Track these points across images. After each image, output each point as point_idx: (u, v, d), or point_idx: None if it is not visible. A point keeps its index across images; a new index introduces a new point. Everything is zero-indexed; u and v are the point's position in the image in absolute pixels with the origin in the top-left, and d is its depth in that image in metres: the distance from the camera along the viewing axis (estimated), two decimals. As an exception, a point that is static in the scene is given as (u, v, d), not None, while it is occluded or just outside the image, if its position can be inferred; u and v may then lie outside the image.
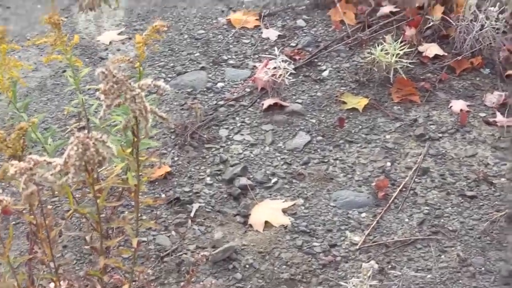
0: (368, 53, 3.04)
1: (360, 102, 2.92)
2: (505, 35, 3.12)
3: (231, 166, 2.64)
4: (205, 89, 3.03)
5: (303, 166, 2.65)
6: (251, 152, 2.71)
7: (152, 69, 3.13)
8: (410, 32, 3.21)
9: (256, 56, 3.21)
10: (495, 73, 3.05)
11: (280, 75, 2.94)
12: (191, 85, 3.05)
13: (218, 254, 2.31)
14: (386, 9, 3.42)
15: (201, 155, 2.70)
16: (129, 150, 2.02)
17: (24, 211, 1.73)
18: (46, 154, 2.16)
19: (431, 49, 3.16)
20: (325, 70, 3.12)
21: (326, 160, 2.67)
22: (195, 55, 3.24)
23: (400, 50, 2.99)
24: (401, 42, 3.03)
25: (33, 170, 1.68)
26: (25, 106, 2.20)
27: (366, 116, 2.87)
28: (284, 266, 2.28)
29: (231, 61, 3.19)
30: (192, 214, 2.46)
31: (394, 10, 3.40)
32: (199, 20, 3.50)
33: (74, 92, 2.63)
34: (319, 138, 2.77)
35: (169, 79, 3.08)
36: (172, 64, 3.18)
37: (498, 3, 3.04)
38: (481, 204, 2.48)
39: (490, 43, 3.10)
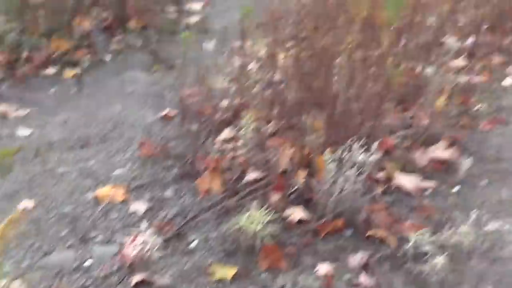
0: (234, 222, 3.10)
1: (228, 272, 2.94)
2: (364, 196, 3.27)
3: None
4: (72, 269, 2.98)
5: None
6: (118, 335, 2.66)
7: (18, 250, 3.07)
8: (275, 197, 3.31)
9: (124, 231, 3.21)
10: (357, 234, 3.15)
11: (148, 249, 2.95)
12: (58, 265, 3.00)
13: None
14: (252, 175, 3.50)
15: None
16: None
17: None
18: None
19: (296, 214, 3.25)
20: (193, 240, 3.14)
21: (196, 336, 2.66)
22: (63, 233, 3.21)
23: (266, 216, 3.07)
24: (267, 208, 3.11)
25: None
26: None
27: (235, 285, 2.88)
28: None
29: (99, 238, 3.17)
30: None
31: (260, 176, 3.50)
32: (67, 196, 3.49)
33: None
34: (189, 312, 2.76)
35: (36, 260, 3.02)
36: (38, 244, 3.13)
37: (356, 165, 3.19)
38: None
39: (351, 205, 3.22)
